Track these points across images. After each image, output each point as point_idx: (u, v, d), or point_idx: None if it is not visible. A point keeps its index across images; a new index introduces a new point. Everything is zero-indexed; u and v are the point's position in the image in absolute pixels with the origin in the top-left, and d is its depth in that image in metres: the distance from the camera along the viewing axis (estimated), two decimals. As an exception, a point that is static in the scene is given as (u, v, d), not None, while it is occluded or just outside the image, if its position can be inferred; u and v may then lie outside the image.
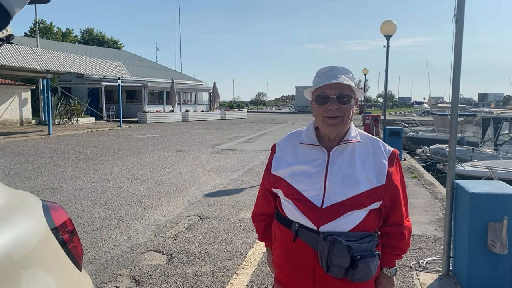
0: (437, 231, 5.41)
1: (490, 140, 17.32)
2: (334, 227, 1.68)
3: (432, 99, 63.09)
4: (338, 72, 1.75)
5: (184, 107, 33.74)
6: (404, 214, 1.83)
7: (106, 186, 8.14)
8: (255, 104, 77.77)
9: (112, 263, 4.40)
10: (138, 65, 37.93)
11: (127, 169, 10.02)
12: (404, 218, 1.83)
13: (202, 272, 4.18)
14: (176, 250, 4.79)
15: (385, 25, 12.32)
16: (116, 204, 6.80)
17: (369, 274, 1.68)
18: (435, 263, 4.34)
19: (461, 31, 3.89)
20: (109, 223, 5.78)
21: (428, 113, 42.30)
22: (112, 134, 19.31)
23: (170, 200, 7.10)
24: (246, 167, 10.57)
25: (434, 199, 7.24)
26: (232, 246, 4.91)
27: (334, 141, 1.78)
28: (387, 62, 13.34)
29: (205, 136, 19.05)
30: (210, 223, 5.82)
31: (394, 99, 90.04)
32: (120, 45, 53.56)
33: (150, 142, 16.05)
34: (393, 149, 1.83)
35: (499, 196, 3.46)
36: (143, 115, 28.23)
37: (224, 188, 8.02)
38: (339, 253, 1.62)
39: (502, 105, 51.25)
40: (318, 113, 1.76)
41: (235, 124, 27.71)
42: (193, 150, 13.91)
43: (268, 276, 4.06)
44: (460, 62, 3.91)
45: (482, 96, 79.95)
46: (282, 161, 1.85)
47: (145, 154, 12.79)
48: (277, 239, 1.90)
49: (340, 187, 1.70)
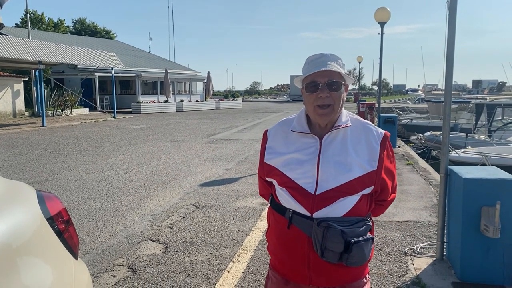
0: (431, 217, 5.46)
1: (484, 127, 17.41)
2: (327, 213, 1.70)
3: (427, 86, 63.18)
4: (328, 59, 1.75)
5: (178, 97, 33.61)
6: (390, 192, 1.86)
7: (101, 177, 8.13)
8: (250, 93, 77.54)
9: (108, 253, 4.41)
10: (131, 55, 37.67)
11: (122, 160, 10.01)
12: (389, 195, 1.86)
13: (198, 260, 4.21)
14: (173, 239, 4.81)
15: (379, 12, 12.28)
16: (111, 194, 6.80)
17: (363, 258, 1.70)
18: (429, 248, 4.39)
19: (454, 18, 3.88)
20: (105, 213, 5.79)
21: (422, 100, 42.39)
22: (106, 125, 19.23)
23: (165, 190, 7.11)
24: (242, 156, 10.58)
25: (428, 186, 7.30)
26: (228, 235, 4.94)
27: (325, 128, 1.78)
28: (381, 49, 13.32)
29: (200, 126, 19.01)
30: (206, 212, 5.84)
31: (389, 87, 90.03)
32: (112, 35, 53.12)
33: (145, 133, 16.01)
34: (385, 131, 1.84)
35: (491, 181, 3.49)
36: (137, 105, 28.09)
37: (219, 178, 8.04)
38: (333, 238, 1.64)
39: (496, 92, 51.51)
40: (309, 102, 1.76)
41: (230, 114, 27.66)
42: (188, 140, 13.89)
43: (264, 263, 4.09)
44: (453, 49, 3.92)
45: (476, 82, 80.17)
46: (274, 151, 1.86)
47: (140, 144, 12.77)
48: (272, 226, 1.91)
49: (333, 174, 1.71)
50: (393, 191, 1.88)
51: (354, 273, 1.81)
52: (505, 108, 18.12)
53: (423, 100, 39.86)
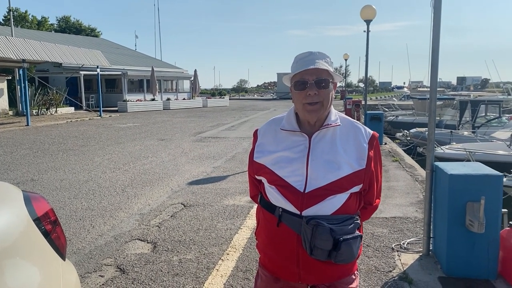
0: (418, 213, 5.53)
1: (468, 123, 17.66)
2: (316, 211, 1.71)
3: (412, 83, 63.79)
4: (316, 57, 1.76)
5: (165, 96, 33.43)
6: (376, 195, 1.88)
7: (88, 176, 8.05)
8: (237, 91, 77.43)
9: (96, 253, 4.38)
10: (117, 53, 37.33)
11: (109, 159, 9.92)
12: (375, 198, 1.88)
13: (187, 259, 4.20)
14: (161, 238, 4.79)
15: (365, 10, 12.36)
16: (98, 194, 6.74)
17: (351, 255, 1.71)
18: (416, 243, 4.44)
19: (438, 16, 3.93)
20: (92, 213, 5.74)
21: (408, 97, 42.78)
22: (93, 124, 19.05)
23: (153, 189, 7.08)
24: (229, 154, 10.57)
25: (414, 182, 7.38)
26: (217, 233, 4.94)
27: (314, 126, 1.79)
28: (367, 47, 13.41)
29: (187, 124, 18.94)
30: (194, 210, 5.83)
31: (375, 84, 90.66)
32: (98, 33, 52.60)
33: (132, 131, 15.89)
34: (373, 132, 1.86)
35: (476, 176, 3.55)
36: (124, 104, 27.85)
37: (207, 176, 8.02)
38: (322, 236, 1.65)
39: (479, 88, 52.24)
40: (297, 100, 1.77)
41: (217, 112, 27.60)
42: (176, 138, 13.83)
43: (252, 261, 4.10)
44: (438, 46, 3.96)
45: (461, 79, 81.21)
46: (264, 149, 1.86)
47: (127, 143, 12.67)
48: (261, 224, 1.92)
49: (322, 172, 1.73)
50: (378, 195, 1.90)
51: (343, 270, 1.82)
52: (488, 104, 18.40)
53: (409, 97, 40.23)
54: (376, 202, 1.92)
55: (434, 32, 3.95)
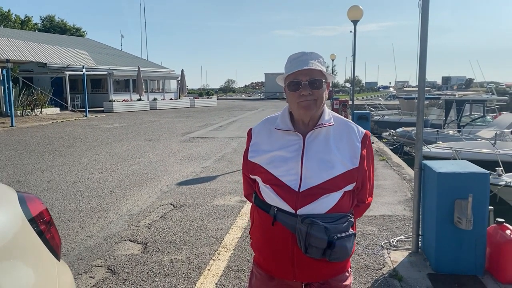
0: (406, 211, 5.60)
1: (453, 122, 17.91)
2: (311, 209, 1.73)
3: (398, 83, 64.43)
4: (309, 58, 1.78)
5: (151, 96, 33.21)
6: (368, 193, 1.91)
7: (75, 177, 7.97)
8: (224, 91, 77.23)
9: (86, 254, 4.35)
10: (102, 53, 36.97)
11: (96, 160, 9.84)
12: (367, 196, 1.91)
13: (178, 259, 4.19)
14: (151, 239, 4.77)
15: (352, 10, 12.46)
16: (86, 195, 6.68)
17: (345, 253, 1.74)
18: (405, 241, 4.50)
19: (426, 16, 3.99)
20: (80, 214, 5.69)
21: (394, 97, 43.22)
22: (78, 125, 18.85)
23: (142, 189, 7.04)
24: (218, 154, 10.56)
25: (402, 180, 7.47)
26: (208, 233, 4.93)
27: (308, 125, 1.81)
28: (354, 47, 13.52)
29: (175, 124, 18.86)
30: (184, 211, 5.81)
31: (361, 84, 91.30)
32: (83, 33, 52.04)
33: (118, 132, 15.77)
34: (366, 130, 1.89)
35: (464, 174, 3.61)
36: (110, 104, 27.60)
37: (196, 176, 8.01)
38: (317, 235, 1.67)
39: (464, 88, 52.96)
40: (292, 100, 1.78)
41: (205, 112, 27.52)
42: (163, 139, 13.76)
43: (244, 261, 4.11)
44: (426, 46, 4.02)
45: (446, 79, 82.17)
46: (258, 148, 1.87)
47: (114, 144, 12.57)
48: (256, 223, 1.93)
49: (316, 171, 1.74)
50: (370, 193, 1.93)
51: (337, 267, 1.85)
52: (473, 104, 18.68)
53: (395, 97, 40.64)
54: (369, 200, 1.95)
55: (422, 32, 4.00)
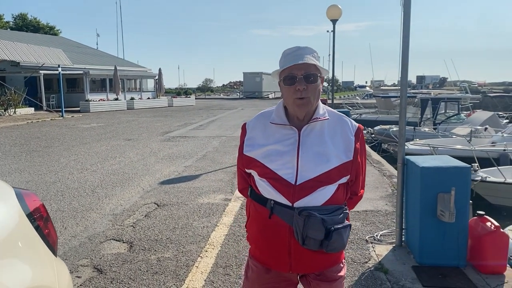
0: (388, 206, 5.71)
1: (429, 120, 18.31)
2: (307, 202, 1.76)
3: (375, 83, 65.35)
4: (304, 52, 1.81)
5: (128, 95, 32.76)
6: (361, 185, 1.96)
7: (55, 177, 7.83)
8: (202, 90, 76.88)
9: (71, 254, 4.29)
10: (78, 52, 36.30)
11: (75, 160, 9.68)
12: (360, 188, 1.96)
13: (165, 257, 4.18)
14: (137, 237, 4.74)
15: (331, 9, 12.59)
16: (67, 195, 6.58)
17: (342, 244, 1.78)
18: (389, 235, 4.60)
19: (408, 16, 4.08)
20: (62, 214, 5.60)
21: (371, 96, 43.78)
22: (55, 125, 18.48)
23: (124, 189, 6.97)
24: (200, 153, 10.53)
25: (382, 177, 7.61)
26: (194, 231, 4.93)
27: (303, 120, 1.84)
28: (333, 46, 13.67)
29: (154, 124, 18.68)
30: (169, 209, 5.79)
31: (338, 84, 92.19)
32: (57, 31, 51.03)
33: (96, 132, 15.53)
34: (358, 124, 1.93)
35: (446, 168, 3.71)
36: (86, 104, 27.12)
37: (179, 175, 7.97)
38: (314, 226, 1.71)
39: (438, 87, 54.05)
40: (287, 94, 1.80)
41: (183, 111, 27.34)
42: (143, 138, 13.63)
43: (232, 257, 4.13)
44: (408, 44, 4.11)
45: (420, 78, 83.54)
46: (254, 143, 1.89)
47: (92, 144, 12.38)
48: (252, 216, 1.95)
49: (312, 165, 1.78)
50: (362, 185, 1.98)
51: (332, 258, 1.89)
52: (448, 102, 19.13)
53: (372, 96, 41.20)
54: (361, 192, 2.00)
55: (404, 31, 4.09)
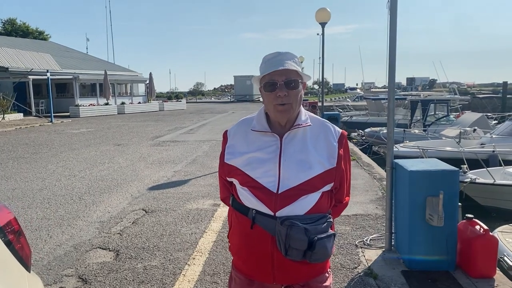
0: (378, 210, 5.68)
1: (419, 122, 18.40)
2: (290, 211, 1.71)
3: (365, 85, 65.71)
4: (285, 58, 1.76)
5: (119, 100, 32.55)
6: (345, 192, 1.91)
7: (42, 184, 7.72)
8: (193, 94, 76.75)
9: (55, 263, 4.20)
10: (67, 57, 36.03)
11: (63, 166, 9.56)
12: (344, 196, 1.91)
13: (152, 265, 4.10)
14: (123, 245, 4.66)
15: (320, 12, 12.59)
16: (54, 202, 6.47)
17: (326, 254, 1.73)
18: (378, 239, 4.56)
19: (395, 18, 4.06)
20: (48, 222, 5.50)
21: (361, 98, 43.99)
22: (44, 130, 18.28)
23: (112, 195, 6.88)
24: (190, 158, 10.45)
25: (373, 180, 7.58)
26: (182, 238, 4.86)
27: (285, 126, 1.79)
28: (323, 49, 13.66)
29: (144, 128, 18.56)
30: (157, 216, 5.71)
31: (329, 86, 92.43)
32: (46, 36, 50.65)
33: (86, 137, 15.38)
34: (342, 130, 1.89)
35: (435, 172, 3.69)
36: (76, 109, 26.93)
37: (168, 181, 7.89)
38: (296, 236, 1.65)
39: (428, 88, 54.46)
40: (268, 101, 1.76)
41: (174, 116, 27.23)
42: (133, 143, 13.52)
43: (220, 265, 4.07)
44: (395, 47, 4.09)
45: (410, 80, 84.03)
46: (235, 150, 1.84)
47: (81, 149, 12.25)
48: (234, 226, 1.90)
49: (294, 172, 1.73)
50: (347, 193, 1.93)
51: (317, 268, 1.84)
52: (437, 103, 19.25)
53: (362, 98, 41.39)
54: (346, 199, 1.95)
55: (390, 33, 4.07)
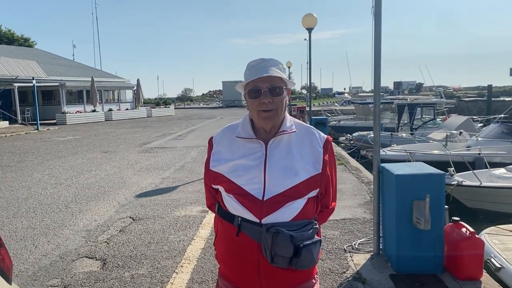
0: (366, 214, 5.70)
1: (406, 125, 18.56)
2: (275, 218, 1.70)
3: (353, 89, 66.18)
4: (269, 64, 1.76)
5: (106, 106, 32.34)
6: (332, 198, 1.91)
7: (27, 193, 7.61)
8: (182, 100, 76.55)
9: (41, 274, 4.13)
10: (53, 64, 35.71)
11: (49, 174, 9.44)
12: (331, 201, 1.91)
13: (139, 274, 4.06)
14: (110, 254, 4.60)
15: (307, 18, 12.67)
16: (40, 211, 6.38)
17: (312, 261, 1.72)
18: (367, 243, 4.57)
19: (379, 23, 4.10)
20: (34, 232, 5.41)
21: (349, 102, 44.26)
22: (30, 138, 18.06)
23: (99, 203, 6.80)
24: (178, 164, 10.39)
25: (361, 184, 7.61)
26: (169, 245, 4.82)
27: (270, 133, 1.78)
28: (309, 54, 13.74)
29: (132, 135, 18.44)
30: (144, 224, 5.66)
31: (317, 91, 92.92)
32: (32, 43, 50.19)
33: (72, 145, 15.23)
34: (327, 136, 1.88)
35: (421, 176, 3.71)
36: (62, 116, 26.67)
37: (156, 188, 7.83)
38: (282, 244, 1.64)
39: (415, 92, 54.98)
40: (252, 107, 1.75)
41: (162, 122, 27.12)
42: (120, 150, 13.41)
43: (208, 272, 4.04)
44: (380, 51, 4.12)
45: (397, 84, 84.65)
46: (220, 157, 1.83)
47: (68, 157, 12.12)
48: (220, 234, 1.88)
49: (279, 179, 1.72)
50: (333, 198, 1.93)
51: (303, 275, 1.82)
52: (424, 107, 19.45)
53: (349, 102, 41.65)
54: (332, 205, 1.95)
55: (375, 38, 4.10)
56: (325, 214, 1.95)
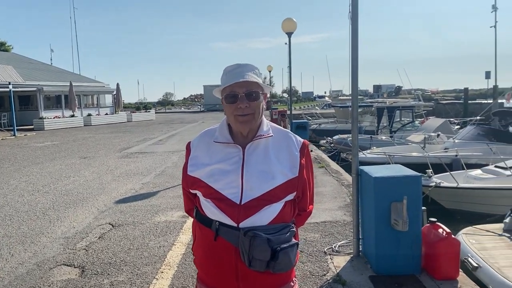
0: (346, 216, 5.75)
1: (386, 128, 18.83)
2: (253, 222, 1.71)
3: (333, 93, 66.86)
4: (245, 70, 1.78)
5: (85, 111, 31.87)
6: (309, 201, 1.93)
7: (3, 201, 7.44)
8: (163, 104, 76.08)
9: (17, 283, 4.04)
10: (30, 68, 35.04)
11: (26, 181, 9.25)
12: (308, 204, 1.92)
13: (119, 281, 4.01)
14: (89, 261, 4.53)
15: (286, 22, 12.75)
16: (16, 219, 6.25)
17: (289, 264, 1.73)
18: (347, 246, 4.61)
19: (356, 26, 4.16)
20: (9, 240, 5.29)
21: (329, 106, 44.65)
22: (6, 144, 17.68)
23: (77, 210, 6.69)
24: (158, 169, 10.31)
25: (341, 186, 7.68)
26: (149, 251, 4.77)
27: (247, 137, 1.80)
28: (289, 58, 13.85)
29: (112, 140, 18.23)
30: (124, 230, 5.59)
31: (298, 94, 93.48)
32: (8, 47, 49.16)
33: (50, 150, 14.96)
34: (303, 140, 1.91)
35: (398, 178, 3.77)
36: (40, 121, 26.19)
37: (136, 193, 7.75)
38: (259, 247, 1.65)
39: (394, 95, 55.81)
40: (229, 112, 1.77)
41: (143, 126, 26.88)
42: (99, 155, 13.23)
43: (188, 277, 4.02)
44: (357, 55, 4.18)
45: (377, 87, 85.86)
46: (197, 162, 1.83)
47: (46, 163, 11.91)
48: (198, 239, 1.88)
49: (257, 183, 1.73)
50: (311, 201, 1.95)
51: (281, 278, 1.83)
52: (402, 110, 19.76)
53: (330, 106, 42.02)
54: (310, 208, 1.97)
55: (352, 41, 4.16)
56: (303, 217, 1.96)
